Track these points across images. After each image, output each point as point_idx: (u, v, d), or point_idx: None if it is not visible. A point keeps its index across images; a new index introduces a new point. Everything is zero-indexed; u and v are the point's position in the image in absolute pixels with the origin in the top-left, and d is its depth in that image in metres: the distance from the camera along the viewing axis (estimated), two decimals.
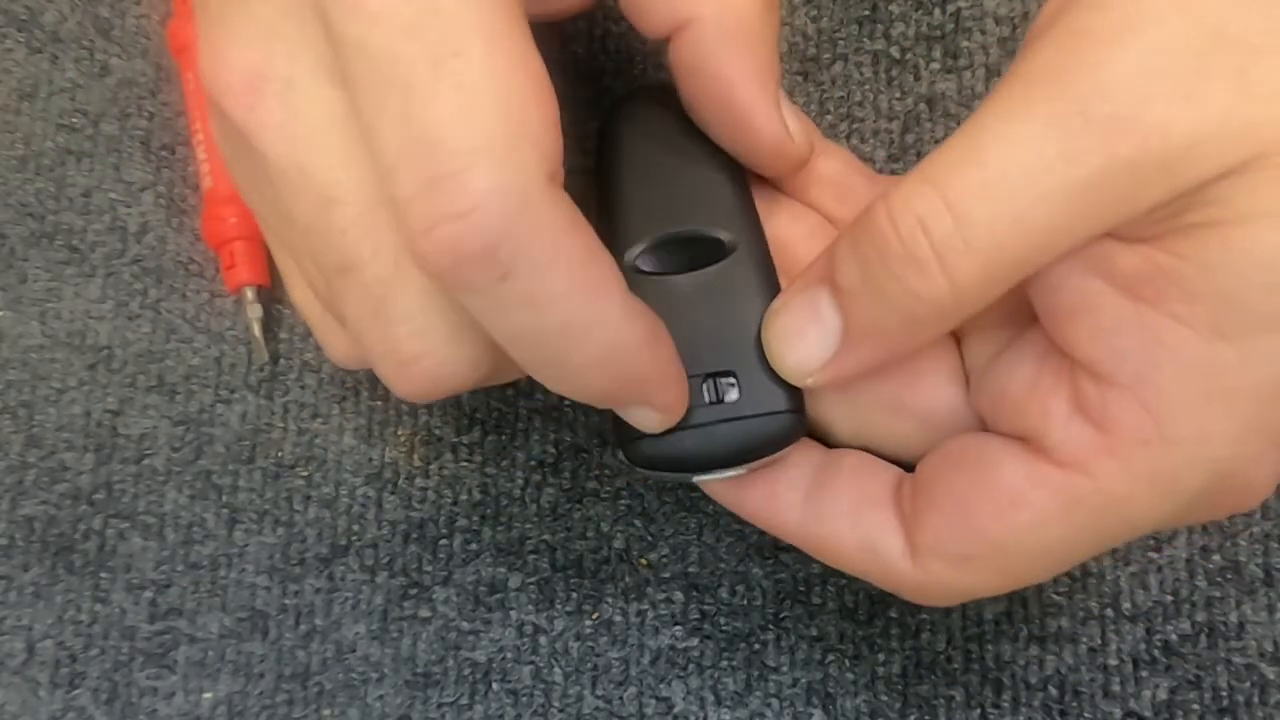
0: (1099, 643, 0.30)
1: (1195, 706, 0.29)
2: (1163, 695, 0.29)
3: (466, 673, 0.30)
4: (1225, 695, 0.29)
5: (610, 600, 0.30)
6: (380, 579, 0.31)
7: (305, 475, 0.32)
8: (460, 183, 0.18)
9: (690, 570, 0.31)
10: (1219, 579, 0.30)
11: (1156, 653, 0.30)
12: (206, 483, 0.32)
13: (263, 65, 0.20)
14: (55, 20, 0.35)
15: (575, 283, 0.19)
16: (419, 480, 0.32)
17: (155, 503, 0.32)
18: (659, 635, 0.30)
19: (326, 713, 0.30)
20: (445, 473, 0.32)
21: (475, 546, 0.31)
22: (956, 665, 0.30)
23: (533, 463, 0.31)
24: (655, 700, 0.30)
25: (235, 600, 0.31)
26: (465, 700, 0.30)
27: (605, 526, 0.31)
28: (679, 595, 0.30)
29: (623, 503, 0.31)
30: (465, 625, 0.30)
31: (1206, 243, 0.19)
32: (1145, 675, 0.29)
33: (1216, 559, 0.30)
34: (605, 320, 0.20)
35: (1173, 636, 0.30)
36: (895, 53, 0.33)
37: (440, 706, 0.30)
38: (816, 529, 0.24)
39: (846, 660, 0.30)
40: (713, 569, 0.31)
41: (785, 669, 0.30)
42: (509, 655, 0.30)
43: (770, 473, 0.24)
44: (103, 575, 0.31)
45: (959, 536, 0.21)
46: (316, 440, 0.32)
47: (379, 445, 0.32)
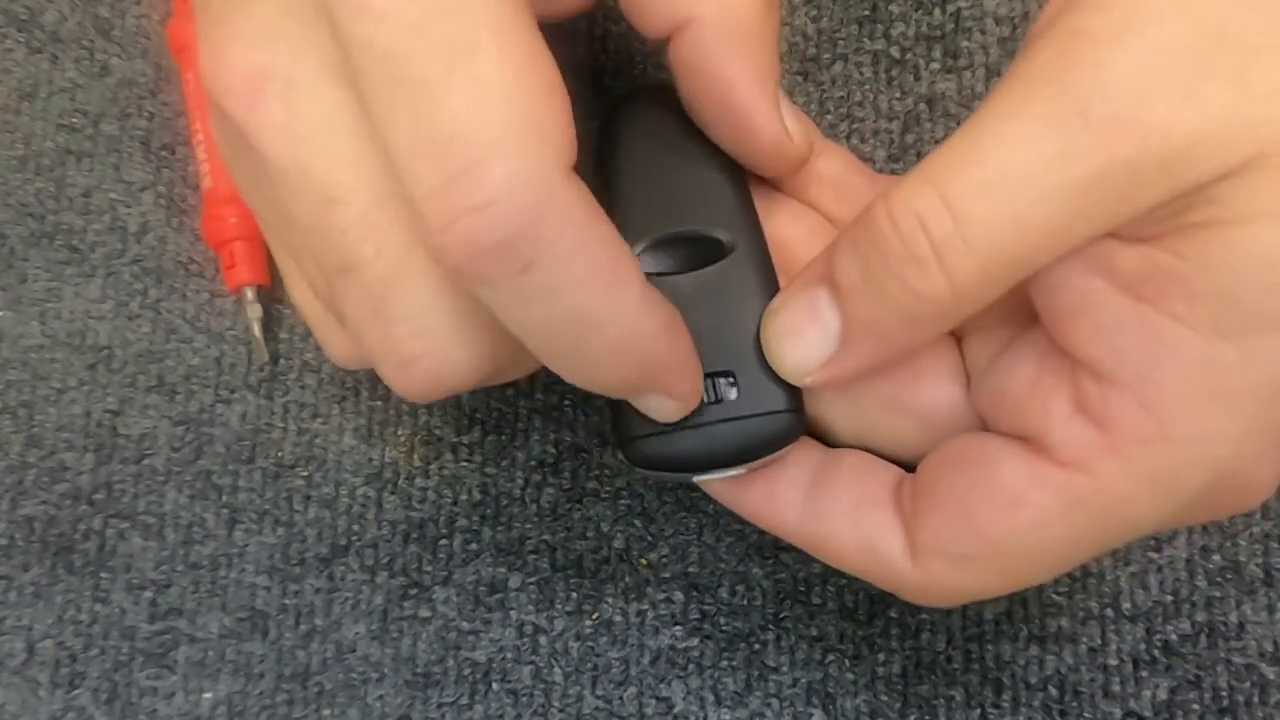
0: (1099, 643, 0.30)
1: (1195, 706, 0.29)
2: (1163, 695, 0.29)
3: (466, 673, 0.30)
4: (1225, 695, 0.29)
5: (610, 600, 0.30)
6: (380, 579, 0.31)
7: (305, 475, 0.32)
8: (479, 175, 0.18)
9: (690, 570, 0.31)
10: (1219, 579, 0.30)
11: (1156, 653, 0.30)
12: (206, 483, 0.32)
13: (264, 65, 0.20)
14: (55, 20, 0.35)
15: (595, 272, 0.19)
16: (419, 480, 0.32)
17: (155, 503, 0.32)
18: (659, 635, 0.30)
19: (326, 713, 0.30)
20: (445, 473, 0.32)
21: (475, 546, 0.31)
22: (956, 665, 0.30)
23: (533, 463, 0.31)
24: (655, 700, 0.30)
25: (235, 600, 0.31)
26: (465, 700, 0.30)
27: (605, 526, 0.31)
28: (679, 595, 0.30)
29: (623, 503, 0.31)
30: (465, 625, 0.30)
31: (1207, 242, 0.19)
32: (1145, 675, 0.29)
33: (1216, 559, 0.30)
34: (624, 309, 0.20)
35: (1173, 636, 0.30)
36: (895, 53, 0.33)
37: (440, 706, 0.30)
38: (816, 528, 0.24)
39: (846, 660, 0.30)
40: (713, 569, 0.31)
41: (785, 669, 0.30)
42: (509, 655, 0.30)
43: (770, 472, 0.24)
44: (103, 575, 0.31)
45: (960, 536, 0.21)
46: (316, 440, 0.32)
47: (379, 445, 0.32)
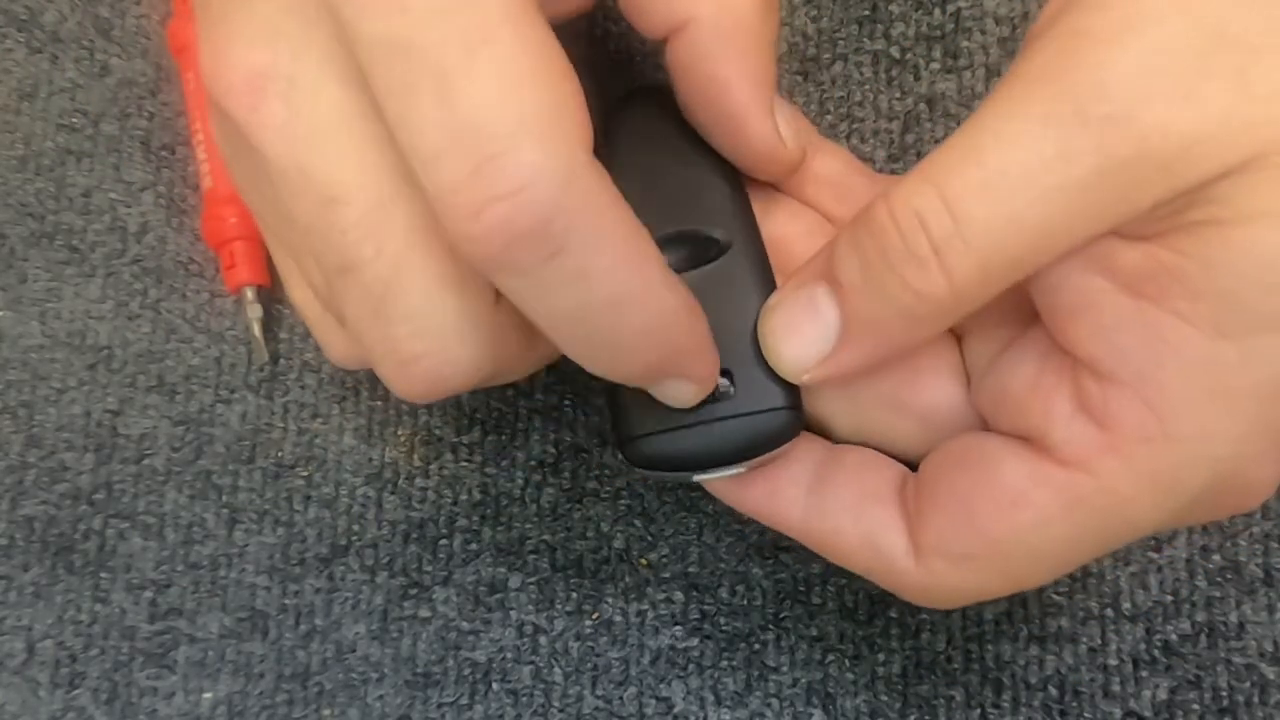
0: (1099, 643, 0.30)
1: (1195, 706, 0.29)
2: (1163, 695, 0.29)
3: (466, 673, 0.30)
4: (1225, 695, 0.29)
5: (610, 600, 0.30)
6: (380, 579, 0.31)
7: (305, 475, 0.32)
8: (507, 162, 0.18)
9: (690, 570, 0.31)
10: (1219, 579, 0.30)
11: (1156, 653, 0.30)
12: (206, 483, 0.32)
13: (266, 64, 0.20)
14: (55, 20, 0.35)
15: (622, 256, 0.19)
16: (419, 480, 0.32)
17: (155, 503, 0.32)
18: (659, 635, 0.30)
19: (326, 713, 0.30)
20: (445, 473, 0.32)
21: (475, 546, 0.31)
22: (956, 665, 0.30)
23: (533, 463, 0.31)
24: (655, 700, 0.30)
25: (235, 600, 0.31)
26: (465, 700, 0.30)
27: (605, 526, 0.31)
28: (679, 595, 0.30)
29: (623, 503, 0.31)
30: (465, 625, 0.30)
31: (1208, 240, 0.19)
32: (1145, 675, 0.29)
33: (1216, 559, 0.30)
34: (652, 290, 0.20)
35: (1173, 636, 0.30)
36: (895, 53, 0.34)
37: (440, 706, 0.30)
38: (819, 524, 0.24)
39: (846, 660, 0.30)
40: (713, 569, 0.31)
41: (785, 669, 0.30)
42: (509, 655, 0.30)
43: (772, 468, 0.24)
44: (103, 575, 0.31)
45: (961, 536, 0.21)
46: (316, 440, 0.32)
47: (379, 445, 0.32)
